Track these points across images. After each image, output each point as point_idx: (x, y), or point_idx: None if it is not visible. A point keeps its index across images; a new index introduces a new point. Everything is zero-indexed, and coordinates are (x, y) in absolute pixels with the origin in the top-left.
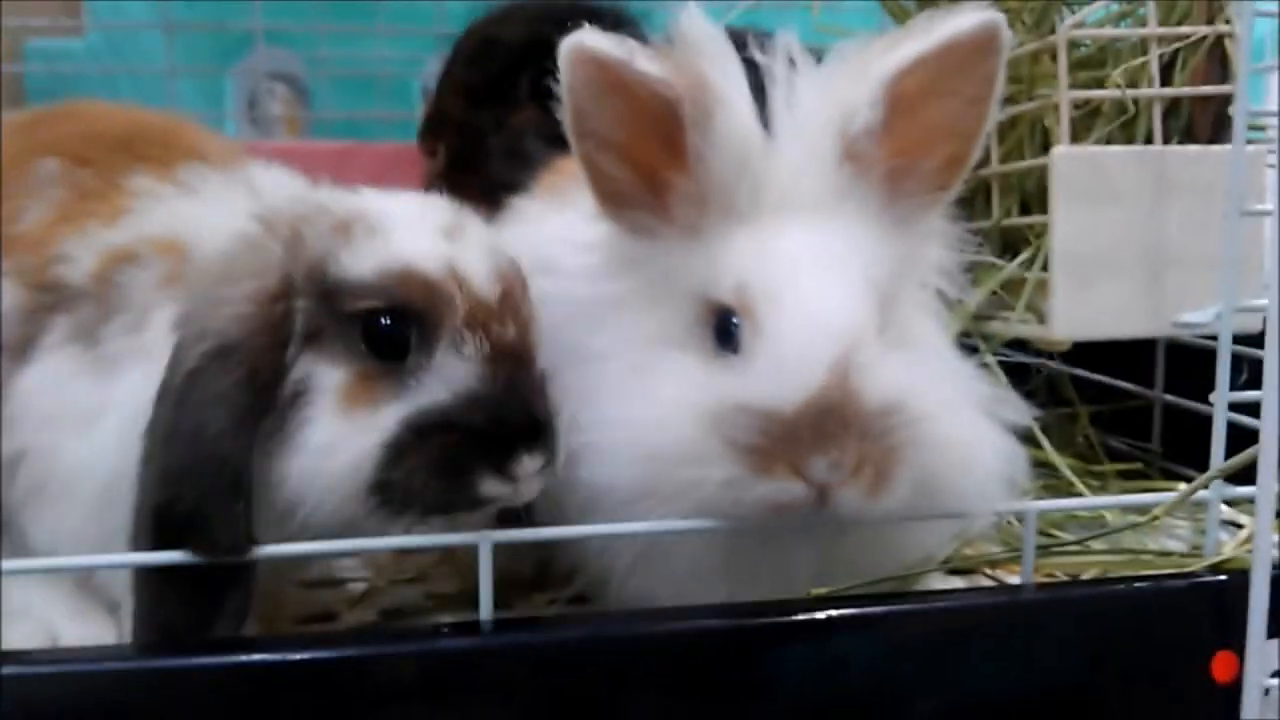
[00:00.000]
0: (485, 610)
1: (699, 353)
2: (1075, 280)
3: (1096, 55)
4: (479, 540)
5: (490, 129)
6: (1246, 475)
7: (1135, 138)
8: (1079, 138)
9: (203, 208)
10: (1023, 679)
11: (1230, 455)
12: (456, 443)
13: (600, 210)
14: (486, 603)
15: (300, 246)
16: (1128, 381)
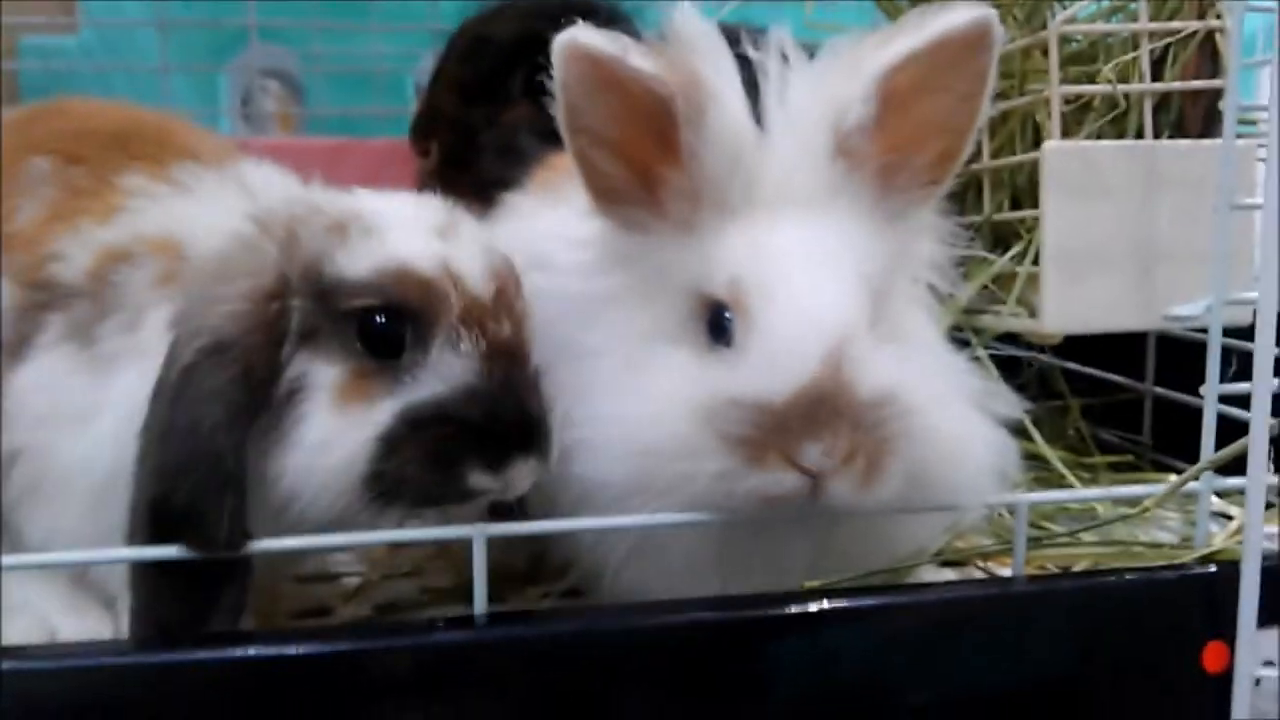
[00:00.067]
0: (480, 604)
1: (692, 347)
2: (1066, 274)
3: (1088, 50)
4: (474, 534)
5: (483, 126)
6: (1236, 467)
7: (1126, 132)
8: (1070, 132)
9: (197, 207)
10: (1014, 670)
11: (1220, 447)
12: (448, 435)
13: (594, 206)
14: (481, 596)
15: (296, 246)
16: (1119, 375)
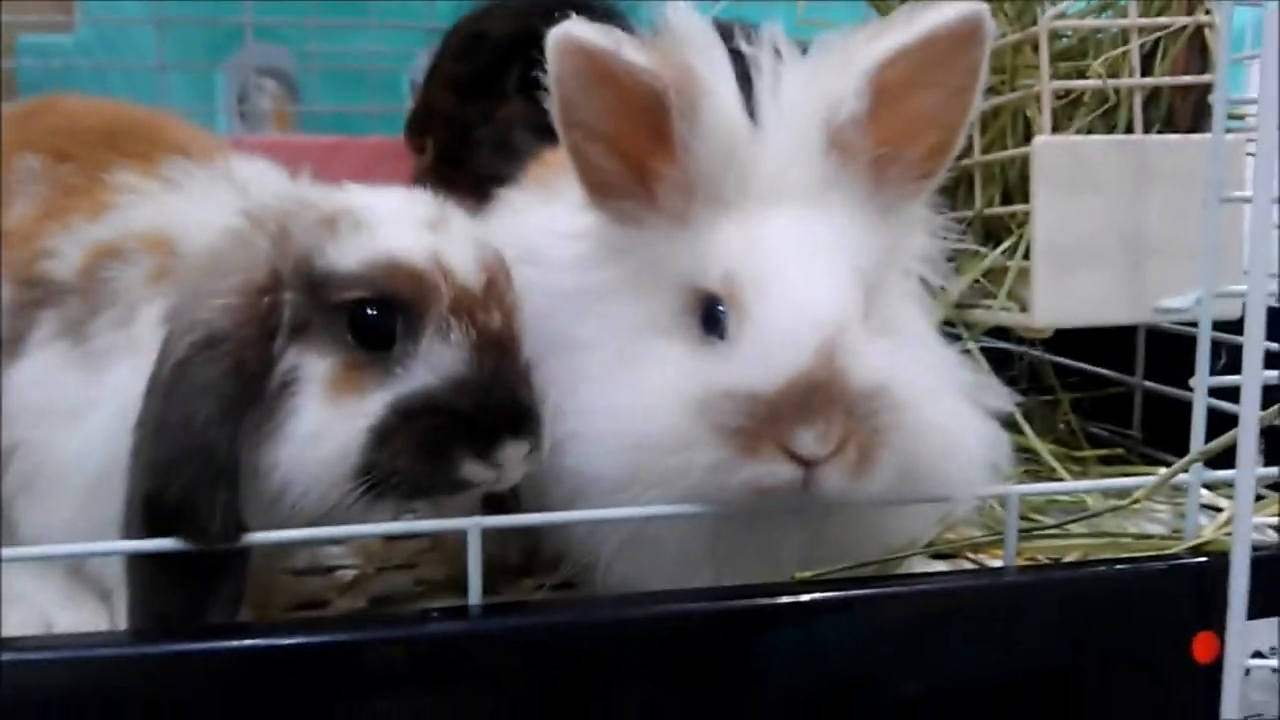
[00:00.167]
0: (474, 595)
1: (685, 340)
2: (1056, 268)
3: (1078, 46)
4: (468, 526)
5: (478, 122)
6: (1226, 460)
7: (1116, 127)
8: (1060, 127)
9: (188, 203)
10: (1005, 661)
11: (1210, 440)
12: (440, 426)
13: (588, 200)
14: (475, 588)
15: (287, 241)
16: (1109, 369)
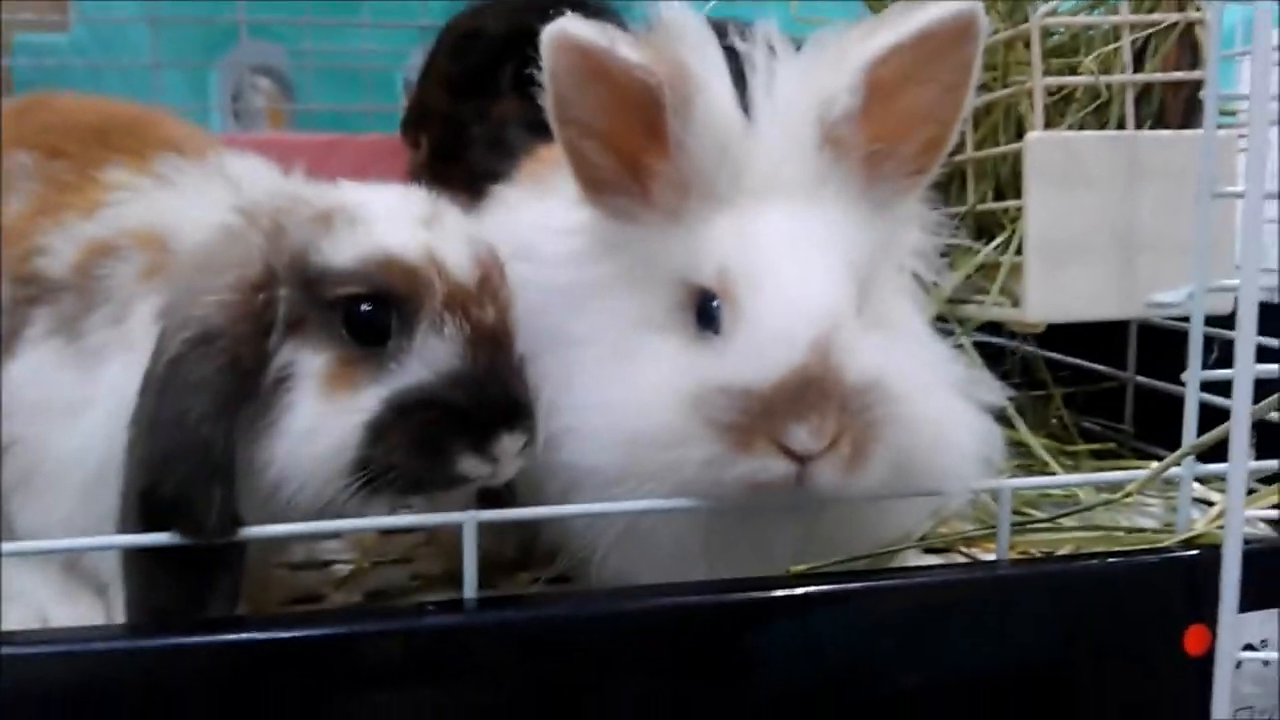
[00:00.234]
0: (470, 589)
1: (680, 336)
2: (1049, 263)
3: (1070, 43)
4: (464, 520)
5: (473, 120)
6: (1217, 454)
7: (1108, 123)
8: (1053, 123)
9: (180, 200)
10: (998, 653)
11: (1202, 434)
12: (435, 420)
13: (582, 196)
14: (471, 581)
15: (282, 237)
16: (1101, 364)
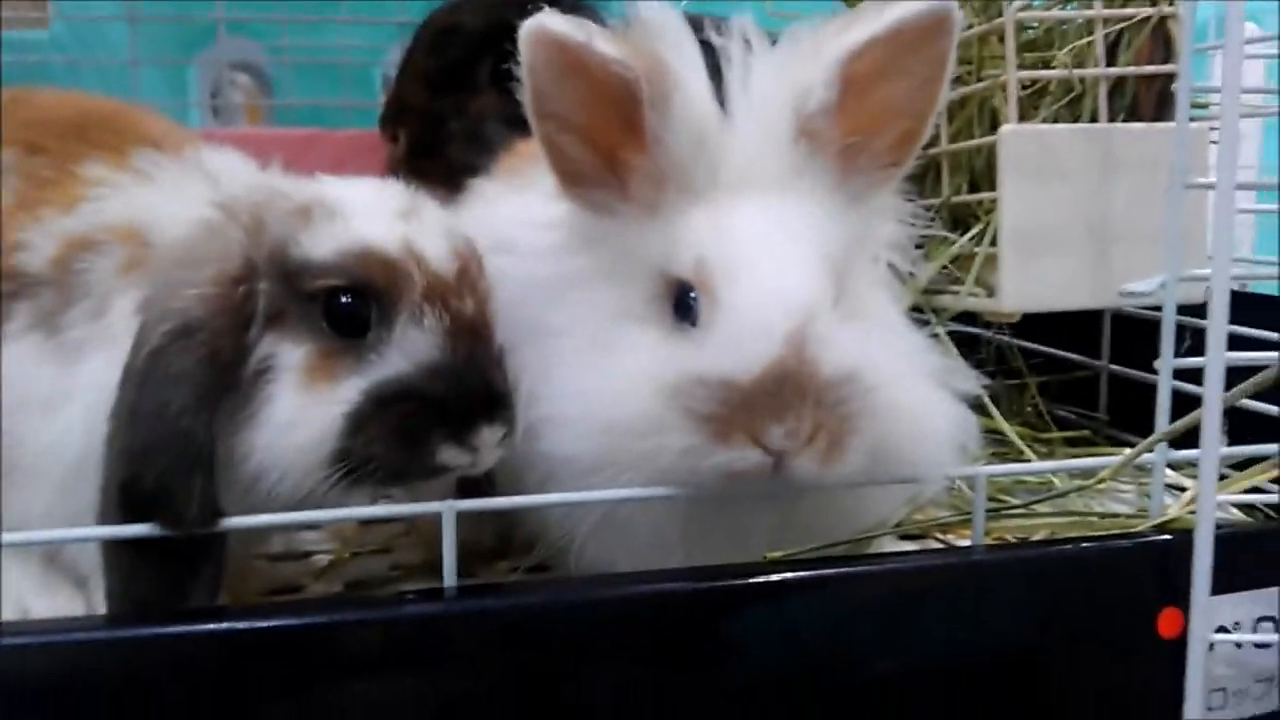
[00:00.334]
0: (449, 578)
1: (658, 327)
2: (1023, 254)
3: (1043, 37)
4: (443, 509)
5: (451, 115)
6: (1189, 441)
7: (1081, 116)
8: (1027, 116)
9: (159, 194)
10: (974, 639)
11: (1175, 422)
12: (415, 411)
13: (560, 189)
14: (450, 570)
15: (262, 231)
16: (1077, 353)
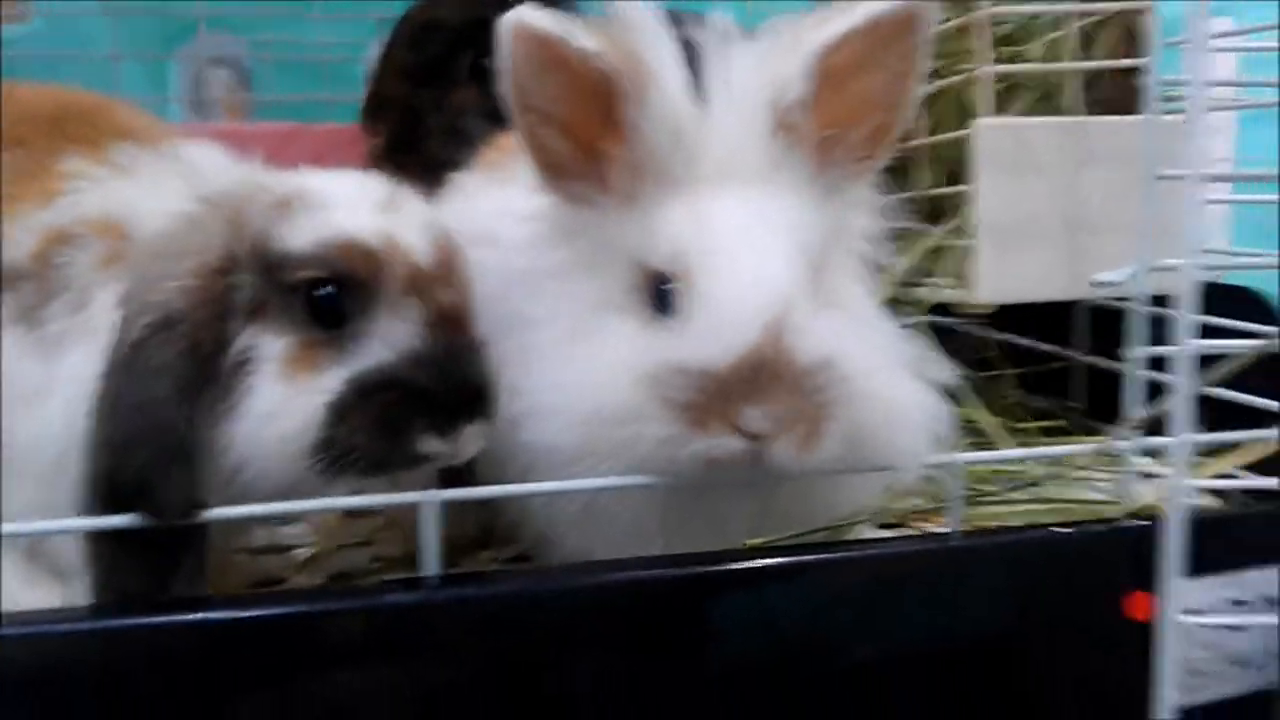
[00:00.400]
0: (431, 567)
1: (637, 318)
2: (998, 246)
3: (1018, 32)
4: (424, 499)
5: (430, 109)
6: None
7: (1055, 110)
8: (1002, 110)
9: (139, 188)
10: (951, 623)
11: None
12: (396, 401)
13: (540, 182)
14: (431, 559)
15: (242, 223)
16: (1055, 345)
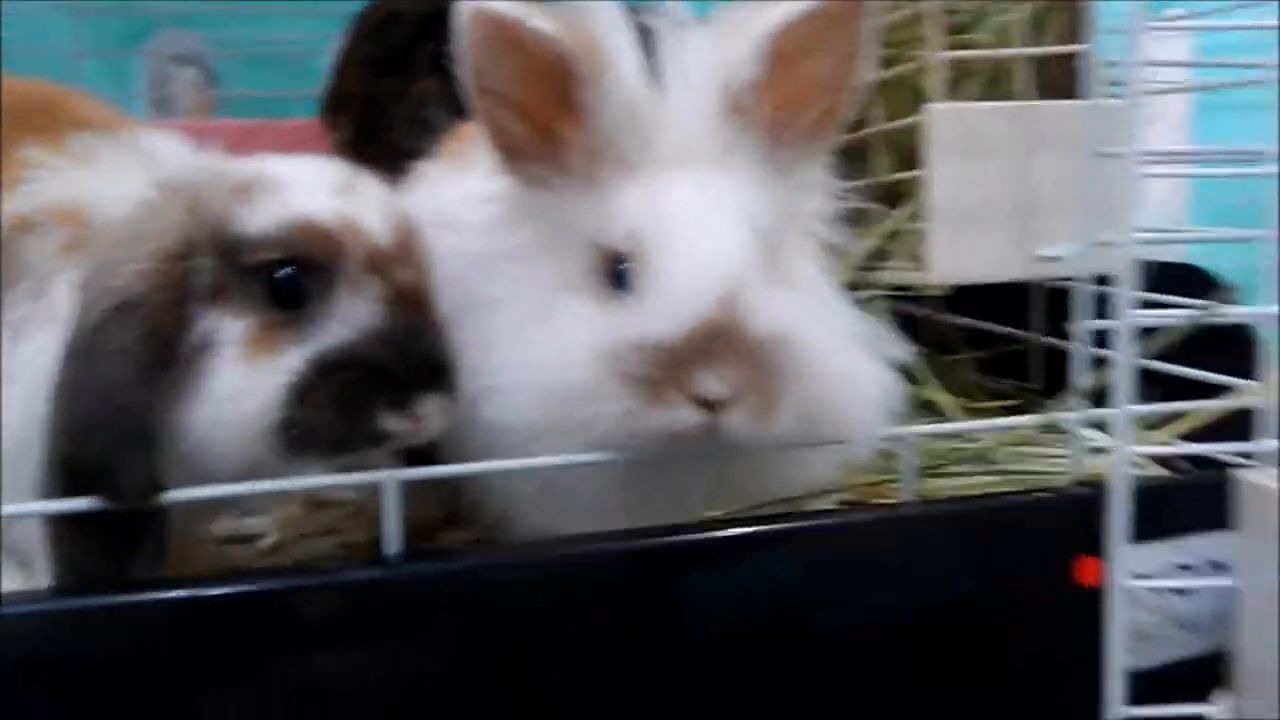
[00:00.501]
0: (393, 546)
1: (594, 297)
2: (951, 228)
3: (970, 19)
4: (385, 479)
5: (392, 101)
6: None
7: (1005, 94)
8: (954, 95)
9: (98, 176)
10: (906, 591)
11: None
12: (357, 379)
13: (500, 165)
14: (393, 538)
15: (201, 208)
16: (1012, 328)
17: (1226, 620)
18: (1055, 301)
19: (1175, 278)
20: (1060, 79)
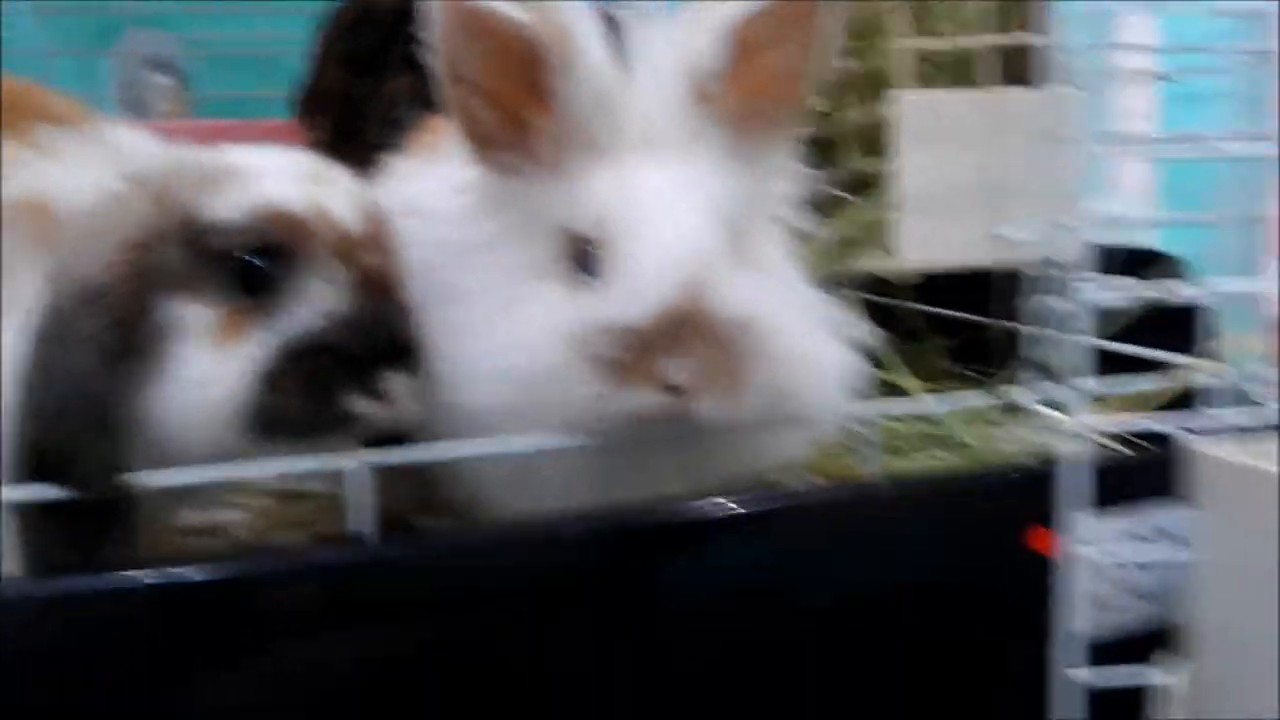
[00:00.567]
0: (363, 529)
1: (563, 283)
2: (920, 214)
3: (936, 9)
4: (354, 464)
5: (367, 98)
6: None
7: (972, 83)
8: (922, 85)
9: (65, 169)
10: (872, 566)
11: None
12: (324, 363)
13: (470, 153)
14: (363, 523)
15: (169, 197)
16: (985, 320)
17: (1174, 590)
18: (1020, 288)
19: (1140, 262)
20: (1026, 69)
